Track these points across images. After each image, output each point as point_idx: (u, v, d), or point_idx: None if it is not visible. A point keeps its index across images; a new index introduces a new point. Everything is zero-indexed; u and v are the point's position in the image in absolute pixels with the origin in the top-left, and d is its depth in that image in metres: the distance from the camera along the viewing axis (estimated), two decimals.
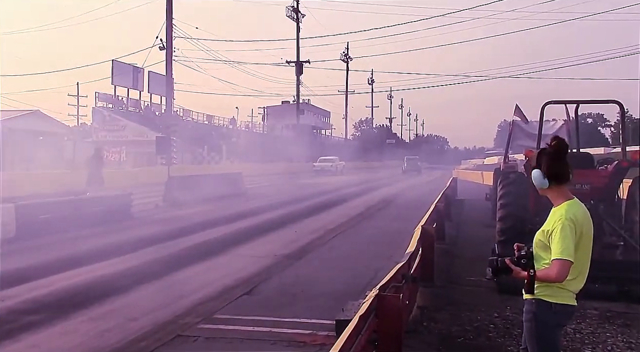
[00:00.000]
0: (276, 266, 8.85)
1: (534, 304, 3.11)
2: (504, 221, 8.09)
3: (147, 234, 12.10)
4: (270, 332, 5.50)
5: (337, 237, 11.97)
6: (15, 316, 6.06)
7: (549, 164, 3.07)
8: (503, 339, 5.20)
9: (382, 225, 14.12)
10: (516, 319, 5.81)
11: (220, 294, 7.10)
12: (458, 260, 9.28)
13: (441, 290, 7.23)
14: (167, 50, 33.21)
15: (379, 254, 9.85)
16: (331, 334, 5.38)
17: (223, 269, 8.70)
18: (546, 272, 2.99)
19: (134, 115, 48.50)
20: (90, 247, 10.48)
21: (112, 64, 45.68)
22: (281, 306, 6.47)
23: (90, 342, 5.26)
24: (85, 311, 6.28)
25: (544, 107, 8.66)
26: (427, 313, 6.09)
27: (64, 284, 7.55)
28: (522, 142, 13.57)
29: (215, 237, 11.81)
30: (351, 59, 68.75)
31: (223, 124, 61.01)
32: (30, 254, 9.79)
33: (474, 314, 6.04)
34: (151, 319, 5.97)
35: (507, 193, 8.31)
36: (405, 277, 5.08)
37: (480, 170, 37.51)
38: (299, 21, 50.39)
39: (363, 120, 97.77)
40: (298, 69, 47.54)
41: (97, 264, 8.83)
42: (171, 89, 35.40)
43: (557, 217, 3.00)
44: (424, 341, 5.14)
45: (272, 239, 11.81)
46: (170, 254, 9.93)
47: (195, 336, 5.42)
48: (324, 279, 7.93)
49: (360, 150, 69.12)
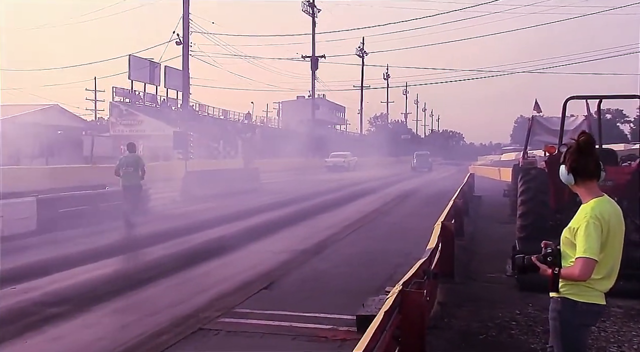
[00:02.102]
0: (293, 262, 8.85)
1: (559, 302, 3.05)
2: (524, 218, 8.00)
3: (164, 229, 12.18)
4: (290, 327, 5.49)
5: (353, 234, 11.93)
6: (39, 308, 6.14)
7: (573, 160, 3.01)
8: (526, 337, 5.14)
9: (399, 221, 14.06)
10: (538, 317, 5.75)
11: (238, 288, 7.12)
12: (477, 256, 9.21)
13: (461, 286, 7.18)
14: (184, 45, 33.36)
15: (396, 250, 9.80)
16: (352, 329, 5.39)
17: (240, 264, 8.73)
18: (570, 270, 2.94)
19: (151, 110, 48.84)
20: (109, 241, 10.59)
21: (129, 59, 45.99)
22: (300, 301, 6.47)
23: (113, 335, 5.31)
24: (106, 304, 6.35)
25: (566, 103, 8.53)
26: (447, 309, 6.05)
27: (84, 277, 7.64)
28: (542, 138, 13.42)
29: (232, 232, 11.85)
30: (367, 54, 68.40)
31: (238, 119, 61.21)
32: (51, 247, 9.92)
33: (494, 311, 5.98)
34: (172, 313, 6.00)
35: (528, 189, 8.21)
36: (427, 274, 5.04)
37: (497, 166, 37.19)
38: (314, 16, 50.27)
39: (378, 116, 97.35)
40: (313, 64, 47.47)
41: (116, 257, 8.94)
42: (188, 84, 35.54)
43: (583, 215, 2.94)
44: (445, 337, 5.10)
45: (288, 235, 11.83)
46: (188, 248, 9.99)
47: (217, 330, 5.44)
48: (341, 275, 7.91)
49: (374, 145, 68.92)
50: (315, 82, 53.28)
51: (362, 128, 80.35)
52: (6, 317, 5.82)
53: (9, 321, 5.69)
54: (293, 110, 72.53)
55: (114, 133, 46.24)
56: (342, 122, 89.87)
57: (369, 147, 66.29)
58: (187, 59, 33.81)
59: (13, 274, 7.76)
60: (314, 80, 50.69)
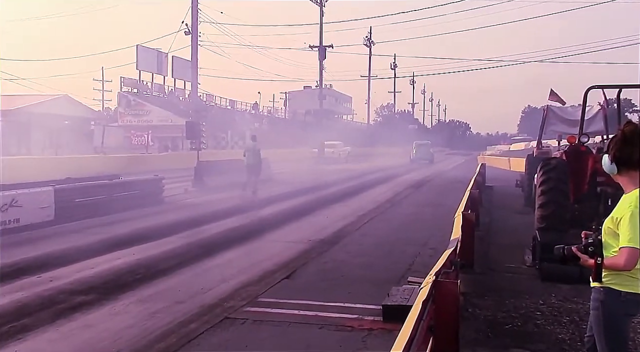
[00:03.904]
0: (312, 251, 8.89)
1: (602, 292, 3.04)
2: (544, 208, 8.00)
3: (180, 219, 12.26)
4: (316, 316, 5.54)
5: (368, 224, 11.96)
6: (66, 296, 6.22)
7: (617, 149, 2.99)
8: (552, 327, 5.16)
9: (413, 212, 14.08)
10: (562, 307, 5.78)
11: (260, 278, 7.17)
12: (494, 247, 9.21)
13: (481, 276, 7.20)
14: (193, 35, 33.27)
15: (412, 240, 9.84)
16: (377, 319, 5.43)
17: (260, 254, 8.78)
18: (614, 260, 2.93)
19: (158, 100, 48.90)
20: (126, 230, 10.68)
21: (137, 49, 46.01)
22: (322, 291, 6.51)
23: (142, 323, 5.37)
24: (132, 293, 6.42)
25: (587, 92, 8.49)
26: (470, 300, 6.07)
27: (107, 266, 7.71)
28: (556, 128, 13.37)
29: (248, 222, 11.92)
30: (374, 44, 67.94)
31: (246, 109, 61.19)
32: (70, 237, 10.02)
33: (518, 301, 6.00)
34: (197, 302, 6.06)
35: (548, 179, 8.20)
36: (454, 264, 5.05)
37: (507, 156, 37.06)
38: (322, 5, 49.93)
39: (385, 106, 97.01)
40: (321, 54, 47.12)
41: (135, 247, 8.99)
42: (196, 74, 35.52)
43: (627, 205, 2.93)
44: (473, 327, 5.13)
45: (304, 225, 11.87)
46: (206, 238, 10.06)
47: (243, 319, 5.50)
48: (361, 265, 7.95)
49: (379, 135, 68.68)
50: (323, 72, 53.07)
51: (369, 118, 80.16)
52: (36, 304, 5.90)
53: (39, 308, 5.78)
54: (300, 100, 72.40)
55: (122, 123, 46.39)
56: (349, 112, 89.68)
57: (373, 136, 66.12)
58: (196, 49, 33.74)
59: (37, 262, 7.86)
60: (321, 71, 50.41)
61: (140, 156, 31.52)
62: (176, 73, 49.70)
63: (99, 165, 23.04)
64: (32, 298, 6.12)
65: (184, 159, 26.56)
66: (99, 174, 16.02)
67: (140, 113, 46.51)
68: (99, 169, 19.46)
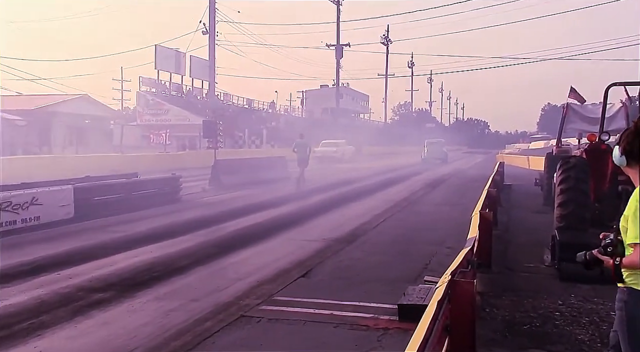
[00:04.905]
0: (328, 250, 8.87)
1: (625, 292, 2.97)
2: (564, 207, 7.88)
3: (196, 217, 12.35)
4: (332, 315, 5.52)
5: (384, 222, 11.90)
6: (84, 293, 6.29)
7: (627, 142, 2.92)
8: (571, 327, 5.07)
9: (429, 210, 13.98)
10: (582, 307, 5.68)
11: (276, 276, 7.17)
12: (512, 246, 9.10)
13: (498, 276, 7.11)
14: (210, 34, 33.48)
15: (430, 239, 9.77)
16: (393, 318, 5.39)
17: (275, 252, 8.79)
18: (630, 258, 2.85)
19: (176, 99, 49.32)
20: (144, 228, 10.78)
21: (156, 48, 46.46)
22: (338, 290, 6.48)
23: (157, 321, 5.40)
24: (148, 290, 6.46)
25: (608, 89, 8.34)
26: (487, 299, 6.00)
27: (125, 263, 7.78)
28: (576, 126, 13.16)
29: (264, 221, 11.95)
30: (391, 42, 67.74)
31: (263, 108, 61.40)
32: (89, 234, 10.14)
33: (536, 301, 5.91)
34: (212, 300, 6.08)
35: (567, 178, 8.07)
36: (471, 263, 5.00)
37: (525, 154, 36.63)
38: (339, 4, 49.89)
39: (402, 104, 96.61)
40: (338, 53, 47.17)
41: (153, 245, 9.07)
42: (214, 73, 35.74)
43: (634, 200, 2.85)
44: (490, 327, 5.07)
45: (320, 223, 11.85)
46: (222, 236, 10.11)
47: (258, 317, 5.50)
48: (377, 264, 7.91)
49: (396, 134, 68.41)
50: (340, 70, 53.01)
51: (386, 116, 79.89)
52: (55, 301, 5.98)
53: (58, 305, 5.85)
54: (317, 99, 72.43)
55: (140, 122, 46.90)
56: (366, 110, 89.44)
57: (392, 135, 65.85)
58: (214, 49, 33.96)
59: (56, 260, 7.98)
60: (338, 69, 50.45)
61: (158, 155, 31.82)
62: (194, 72, 50.09)
63: (117, 163, 23.30)
64: (51, 295, 6.21)
65: (201, 158, 26.74)
66: (118, 172, 16.20)
67: (158, 112, 46.97)
68: (117, 168, 19.68)
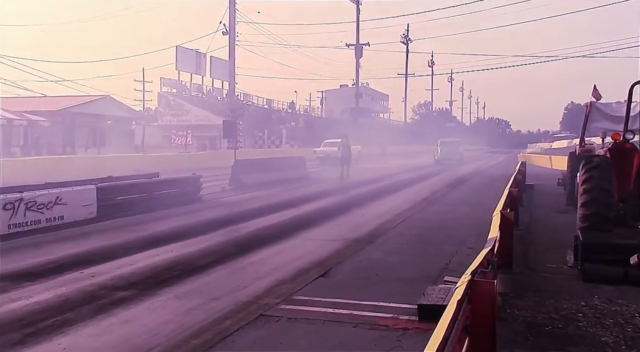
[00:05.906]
0: (347, 250, 8.86)
1: None
2: (587, 207, 7.74)
3: (217, 217, 12.44)
4: (351, 314, 5.51)
5: (404, 222, 11.84)
6: (107, 291, 6.39)
7: None
8: (595, 329, 4.98)
9: (449, 210, 13.87)
10: (606, 308, 5.58)
11: (295, 276, 7.18)
12: (533, 246, 8.98)
13: (520, 276, 7.02)
14: (230, 35, 33.70)
15: (450, 239, 9.70)
16: (412, 318, 5.37)
17: (294, 252, 8.81)
18: None
19: (197, 100, 49.75)
20: (165, 228, 10.89)
21: (176, 49, 46.93)
22: (357, 289, 6.47)
23: (178, 319, 5.46)
24: (169, 289, 6.53)
25: (632, 88, 8.18)
26: (508, 300, 5.93)
27: (146, 262, 7.88)
28: (600, 125, 12.93)
29: (283, 220, 11.99)
30: (411, 41, 67.39)
31: (282, 108, 61.57)
32: (111, 234, 10.29)
33: (558, 302, 5.82)
34: (232, 299, 6.12)
35: (591, 178, 7.93)
36: (491, 263, 4.95)
37: (548, 154, 36.13)
38: (359, 3, 49.80)
39: (422, 104, 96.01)
40: (358, 52, 47.10)
41: (173, 244, 9.16)
42: (234, 74, 35.96)
43: None
44: (511, 328, 5.01)
45: (339, 223, 11.85)
46: (242, 236, 10.17)
47: (278, 317, 5.51)
48: (396, 264, 7.88)
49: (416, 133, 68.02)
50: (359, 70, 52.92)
51: (406, 116, 79.50)
52: (78, 299, 6.08)
53: (81, 303, 5.95)
54: (336, 98, 72.41)
55: (161, 123, 47.43)
56: (386, 110, 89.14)
57: (412, 135, 65.46)
58: (234, 49, 34.19)
59: (79, 258, 8.12)
60: (358, 69, 50.38)
61: (179, 155, 32.15)
62: (214, 73, 50.49)
63: (139, 164, 23.59)
64: (75, 293, 6.31)
65: (221, 158, 26.94)
66: (139, 172, 16.40)
67: (179, 113, 47.44)
68: (139, 168, 19.93)
